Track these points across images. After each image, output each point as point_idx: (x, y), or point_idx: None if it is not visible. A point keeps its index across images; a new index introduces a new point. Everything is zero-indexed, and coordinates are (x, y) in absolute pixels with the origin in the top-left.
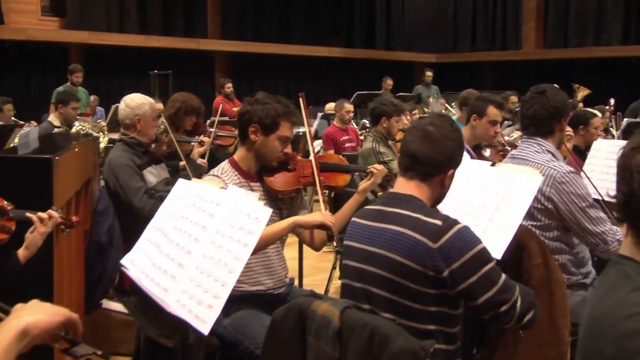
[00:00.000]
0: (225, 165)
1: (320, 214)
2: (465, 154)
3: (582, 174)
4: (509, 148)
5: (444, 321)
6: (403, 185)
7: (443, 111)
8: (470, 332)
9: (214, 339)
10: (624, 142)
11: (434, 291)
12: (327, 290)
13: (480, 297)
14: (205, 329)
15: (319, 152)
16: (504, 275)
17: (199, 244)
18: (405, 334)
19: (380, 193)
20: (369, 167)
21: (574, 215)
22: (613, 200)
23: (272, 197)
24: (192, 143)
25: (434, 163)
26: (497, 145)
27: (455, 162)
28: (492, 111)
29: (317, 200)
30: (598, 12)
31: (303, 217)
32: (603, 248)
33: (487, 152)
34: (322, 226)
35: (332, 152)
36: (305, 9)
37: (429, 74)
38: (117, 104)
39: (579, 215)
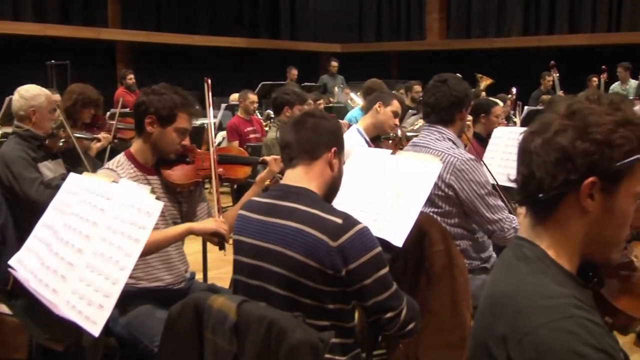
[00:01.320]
0: (121, 157)
1: (214, 221)
2: (364, 144)
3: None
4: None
5: (340, 317)
6: (292, 176)
7: (349, 101)
8: None
9: (111, 339)
10: (522, 129)
11: (332, 289)
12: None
13: (370, 299)
14: (95, 330)
15: (220, 143)
16: (395, 284)
17: (90, 241)
18: (303, 326)
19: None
20: (262, 157)
21: (473, 203)
22: (512, 185)
23: (171, 191)
24: (92, 141)
25: (312, 143)
26: (395, 138)
27: (335, 139)
28: (396, 103)
29: (222, 193)
30: (499, 4)
31: (197, 224)
32: (499, 235)
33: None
34: (215, 234)
35: (236, 143)
36: None
37: (334, 64)
38: (11, 96)
39: (477, 202)
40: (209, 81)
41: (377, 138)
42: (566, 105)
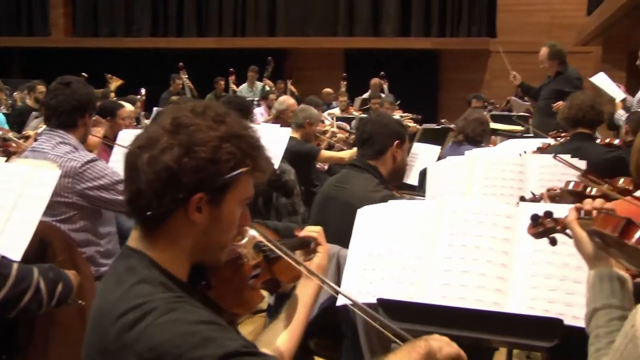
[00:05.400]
0: None
1: None
2: None
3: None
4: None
5: None
6: None
7: None
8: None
9: None
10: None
11: None
12: None
13: None
14: None
15: None
16: (15, 265)
17: None
18: None
19: None
20: None
21: (106, 196)
22: None
23: None
24: None
25: None
26: None
27: None
28: None
29: None
30: (127, 3)
31: None
32: None
33: None
34: None
35: None
36: None
37: None
38: None
39: (110, 193)
40: None
41: None
42: (171, 119)
